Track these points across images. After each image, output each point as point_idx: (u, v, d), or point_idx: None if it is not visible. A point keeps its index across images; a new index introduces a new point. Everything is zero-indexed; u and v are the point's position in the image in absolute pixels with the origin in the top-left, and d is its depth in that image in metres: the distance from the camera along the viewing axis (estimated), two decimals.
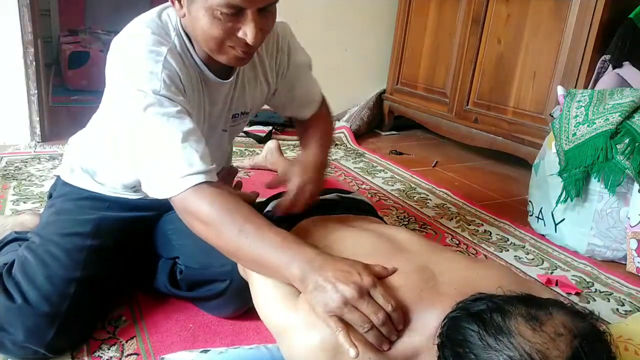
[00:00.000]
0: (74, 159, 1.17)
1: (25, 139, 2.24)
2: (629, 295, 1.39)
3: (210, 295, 1.09)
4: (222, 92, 1.06)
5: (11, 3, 2.06)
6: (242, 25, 0.85)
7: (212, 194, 0.84)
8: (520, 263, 1.53)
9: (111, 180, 1.12)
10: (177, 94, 0.90)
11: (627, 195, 1.49)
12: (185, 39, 0.95)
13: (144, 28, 0.92)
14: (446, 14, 2.60)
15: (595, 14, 1.91)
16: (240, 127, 1.23)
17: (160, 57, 0.89)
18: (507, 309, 0.62)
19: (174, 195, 0.85)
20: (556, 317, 0.61)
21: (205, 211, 0.83)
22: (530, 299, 0.66)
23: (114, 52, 0.92)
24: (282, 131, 2.72)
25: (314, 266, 0.76)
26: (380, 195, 1.98)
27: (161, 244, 1.17)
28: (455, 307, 0.69)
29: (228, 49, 0.89)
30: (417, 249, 0.89)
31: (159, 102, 0.86)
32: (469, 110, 2.50)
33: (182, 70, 0.93)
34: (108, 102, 1.00)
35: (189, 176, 0.84)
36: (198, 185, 0.84)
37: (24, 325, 0.91)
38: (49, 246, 1.01)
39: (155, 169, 0.87)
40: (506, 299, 0.65)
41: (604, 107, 1.55)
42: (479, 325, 0.62)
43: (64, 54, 3.43)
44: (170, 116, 0.86)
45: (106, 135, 1.09)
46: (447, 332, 0.66)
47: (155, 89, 0.87)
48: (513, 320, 0.61)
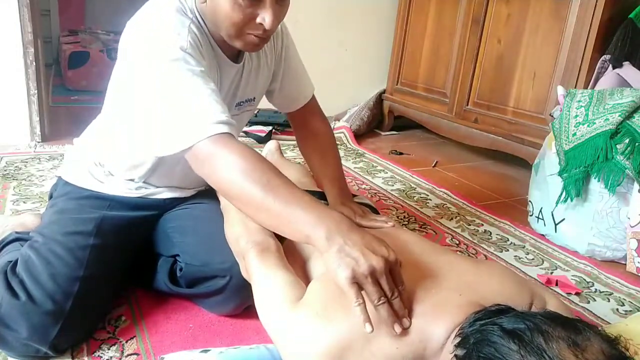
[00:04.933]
0: (80, 157, 1.18)
1: (25, 139, 2.24)
2: (629, 295, 1.39)
3: (210, 292, 1.09)
4: (229, 77, 1.08)
5: (11, 3, 2.06)
6: (260, 11, 0.90)
7: (241, 145, 0.85)
8: (520, 263, 1.53)
9: (119, 166, 1.12)
10: (200, 58, 0.93)
11: (627, 195, 1.49)
12: (202, 22, 0.98)
13: (165, 5, 0.95)
14: (446, 14, 2.60)
15: (595, 14, 1.91)
16: (245, 118, 1.24)
17: (185, 24, 0.93)
18: (546, 330, 0.61)
19: (202, 139, 0.83)
20: (595, 343, 0.60)
21: (234, 158, 0.82)
22: (560, 318, 0.65)
23: (136, 23, 0.95)
24: (282, 131, 2.72)
25: (342, 228, 0.75)
26: (380, 195, 1.98)
27: (161, 242, 1.18)
28: (475, 318, 0.68)
29: (246, 35, 0.94)
30: (419, 250, 0.89)
31: (184, 59, 0.88)
32: (469, 110, 2.50)
33: (202, 45, 0.96)
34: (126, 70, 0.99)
35: (219, 123, 0.84)
36: (227, 134, 0.84)
37: (28, 322, 0.91)
38: (52, 245, 1.01)
39: (182, 115, 0.86)
40: (542, 318, 0.64)
41: (604, 107, 1.55)
42: (518, 344, 0.61)
43: (64, 54, 3.43)
44: (196, 73, 0.88)
45: (116, 119, 1.09)
46: (476, 346, 0.64)
47: (183, 45, 0.89)
48: (555, 343, 0.60)
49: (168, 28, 0.91)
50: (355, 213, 1.07)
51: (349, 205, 1.10)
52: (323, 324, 0.74)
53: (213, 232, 1.08)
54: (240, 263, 1.00)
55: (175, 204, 1.20)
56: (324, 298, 0.78)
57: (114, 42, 3.64)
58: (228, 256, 1.03)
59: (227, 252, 1.02)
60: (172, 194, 1.19)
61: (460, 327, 0.69)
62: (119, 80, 1.04)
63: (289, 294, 0.83)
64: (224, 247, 1.02)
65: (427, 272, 0.81)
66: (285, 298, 0.82)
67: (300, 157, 2.32)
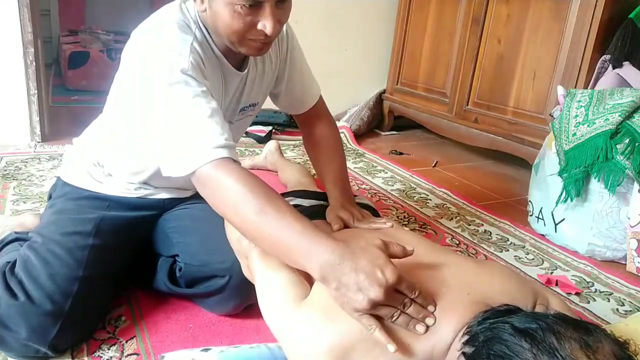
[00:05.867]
0: (80, 157, 1.18)
1: (25, 139, 2.24)
2: (629, 295, 1.39)
3: (209, 291, 1.09)
4: (233, 85, 1.08)
5: (11, 3, 2.06)
6: (261, 18, 0.89)
7: (239, 170, 0.85)
8: (520, 263, 1.53)
9: (119, 169, 1.12)
10: (202, 78, 0.92)
11: (627, 195, 1.49)
12: (205, 31, 0.98)
13: (168, 18, 0.95)
14: (446, 14, 2.60)
15: (595, 14, 1.91)
16: (248, 121, 1.24)
17: (187, 43, 0.93)
18: (559, 330, 0.62)
19: (201, 165, 0.84)
20: (606, 346, 0.61)
21: (230, 185, 0.82)
22: (571, 320, 0.65)
23: (138, 38, 0.95)
24: (282, 131, 2.72)
25: (333, 260, 0.74)
26: (380, 195, 1.98)
27: (161, 242, 1.18)
28: (484, 317, 0.68)
29: (248, 41, 0.93)
30: (421, 251, 0.89)
31: (185, 81, 0.88)
32: (469, 110, 2.50)
33: (205, 60, 0.96)
34: (128, 86, 1.00)
35: (219, 148, 0.84)
36: (225, 158, 0.84)
37: (27, 323, 0.91)
38: (51, 245, 1.01)
39: (181, 141, 0.86)
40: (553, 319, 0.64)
41: (604, 107, 1.55)
42: (531, 342, 0.61)
43: (64, 54, 3.43)
44: (197, 94, 0.88)
45: (119, 120, 1.09)
46: (487, 343, 0.64)
47: (184, 68, 0.89)
48: (567, 343, 0.60)
49: (169, 48, 0.91)
50: (354, 217, 1.07)
51: (349, 208, 1.10)
52: (327, 323, 0.74)
53: (212, 232, 1.08)
54: (242, 262, 1.00)
55: (175, 204, 1.20)
56: (328, 297, 0.78)
57: (114, 42, 3.64)
58: (227, 256, 1.03)
59: (226, 252, 1.02)
60: (171, 194, 1.19)
61: (469, 325, 0.69)
62: (122, 87, 1.04)
63: (293, 293, 0.82)
64: (224, 246, 1.02)
65: (431, 272, 0.81)
66: (289, 297, 0.82)
67: (300, 157, 2.32)
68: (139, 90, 0.93)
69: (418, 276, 0.79)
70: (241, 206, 0.81)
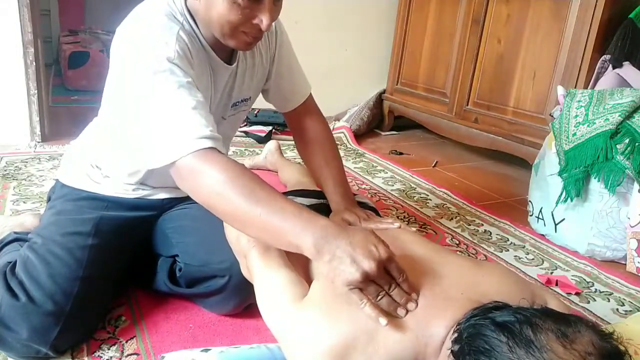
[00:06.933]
0: (78, 159, 1.18)
1: (25, 139, 2.24)
2: (629, 295, 1.39)
3: (209, 291, 1.09)
4: (223, 78, 1.07)
5: (11, 3, 2.06)
6: (258, 13, 0.89)
7: (224, 159, 0.84)
8: (520, 263, 1.53)
9: (117, 170, 1.12)
10: (188, 67, 0.91)
11: (627, 195, 1.49)
12: (192, 22, 0.97)
13: (154, 9, 0.94)
14: (446, 14, 2.60)
15: (595, 14, 1.91)
16: (241, 117, 1.23)
17: (173, 31, 0.92)
18: (536, 323, 0.62)
19: (184, 155, 0.82)
20: (585, 335, 0.61)
21: (216, 173, 0.81)
22: (553, 313, 0.65)
23: (124, 29, 0.94)
24: (282, 131, 2.72)
25: (328, 235, 0.75)
26: (380, 195, 1.98)
27: (160, 242, 1.18)
28: (471, 314, 0.68)
29: (240, 34, 0.93)
30: (421, 251, 0.89)
31: (170, 70, 0.87)
32: (469, 110, 2.50)
33: (192, 51, 0.95)
34: (116, 79, 1.00)
35: (202, 138, 0.83)
36: (209, 149, 0.83)
37: (28, 323, 0.91)
38: (51, 245, 1.01)
39: (165, 130, 0.85)
40: (533, 312, 0.65)
41: (604, 107, 1.55)
42: (508, 336, 0.61)
43: (64, 54, 3.43)
44: (182, 85, 0.87)
45: (113, 118, 1.09)
46: (469, 339, 0.65)
47: (170, 56, 0.88)
48: (544, 334, 0.60)
49: (155, 37, 0.90)
50: (360, 218, 1.07)
51: (353, 210, 1.10)
52: (327, 322, 0.75)
53: (212, 231, 1.08)
54: (241, 262, 1.00)
55: (173, 204, 1.20)
56: (326, 296, 0.78)
57: None
58: (227, 255, 1.03)
59: (226, 252, 1.02)
60: (169, 194, 1.19)
61: (458, 323, 0.70)
62: (112, 82, 1.04)
63: (292, 292, 0.82)
64: (223, 246, 1.02)
65: (429, 271, 0.81)
66: (288, 297, 0.82)
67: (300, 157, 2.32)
68: (127, 79, 0.91)
69: (415, 274, 0.79)
70: (228, 191, 0.80)
